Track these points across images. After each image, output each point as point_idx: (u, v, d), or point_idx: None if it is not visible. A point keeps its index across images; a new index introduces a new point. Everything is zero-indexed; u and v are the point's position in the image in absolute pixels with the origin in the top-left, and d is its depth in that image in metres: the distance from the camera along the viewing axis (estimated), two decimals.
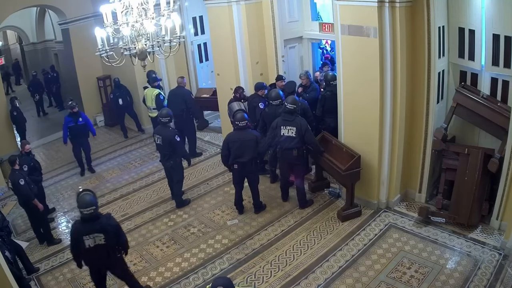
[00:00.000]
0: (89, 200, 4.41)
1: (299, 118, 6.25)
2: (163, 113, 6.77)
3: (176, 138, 6.61)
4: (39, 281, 5.75)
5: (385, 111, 5.80)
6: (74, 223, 4.64)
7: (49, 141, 11.20)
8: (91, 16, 10.59)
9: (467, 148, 5.59)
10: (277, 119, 6.37)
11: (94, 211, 4.42)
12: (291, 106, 6.17)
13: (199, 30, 10.29)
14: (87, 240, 4.45)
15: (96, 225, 4.44)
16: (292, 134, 6.21)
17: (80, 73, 11.22)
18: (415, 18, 5.56)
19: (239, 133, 6.22)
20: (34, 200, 6.20)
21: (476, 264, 5.06)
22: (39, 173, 7.05)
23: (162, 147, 6.78)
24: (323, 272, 5.28)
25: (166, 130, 6.70)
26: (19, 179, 6.07)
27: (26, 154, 6.87)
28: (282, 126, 6.24)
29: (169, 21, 4.25)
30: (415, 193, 6.43)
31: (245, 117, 6.22)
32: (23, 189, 6.10)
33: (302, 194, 6.58)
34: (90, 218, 4.42)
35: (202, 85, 10.52)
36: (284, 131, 6.23)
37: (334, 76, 6.84)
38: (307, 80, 7.47)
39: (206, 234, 6.29)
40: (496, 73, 5.46)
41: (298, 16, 7.90)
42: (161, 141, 6.71)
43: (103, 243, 4.48)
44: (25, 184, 6.10)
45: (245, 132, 6.19)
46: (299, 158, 6.32)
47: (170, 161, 6.78)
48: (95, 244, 4.48)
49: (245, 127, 6.21)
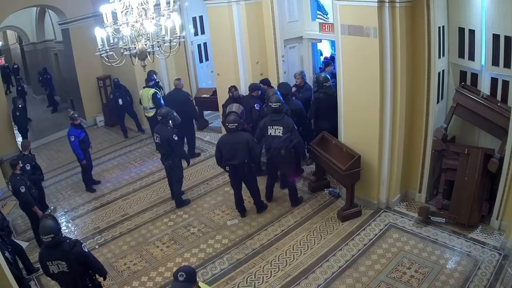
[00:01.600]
0: (48, 227, 4.20)
1: (287, 118, 6.28)
2: (162, 112, 6.77)
3: (174, 137, 6.62)
4: (39, 281, 5.76)
5: (385, 111, 5.80)
6: (42, 247, 4.49)
7: (49, 141, 11.21)
8: (91, 16, 10.59)
9: (467, 148, 5.59)
10: (264, 119, 6.43)
11: (52, 239, 4.19)
12: (276, 104, 6.21)
13: (199, 30, 10.30)
14: (51, 266, 4.31)
15: (57, 252, 4.24)
16: (279, 133, 6.23)
17: (80, 73, 11.22)
18: (415, 18, 5.56)
19: (230, 136, 6.19)
20: (34, 207, 6.19)
21: (476, 264, 5.05)
22: (40, 172, 7.06)
23: (161, 146, 6.81)
24: (323, 272, 5.28)
25: (164, 129, 6.71)
26: (20, 186, 6.04)
27: (27, 154, 6.88)
28: (269, 125, 6.29)
29: (169, 21, 4.25)
30: (415, 193, 6.43)
31: (235, 119, 6.15)
32: (23, 196, 6.09)
33: (292, 193, 6.63)
34: (51, 245, 4.23)
35: (202, 85, 10.53)
36: (271, 130, 6.27)
37: (326, 78, 6.84)
38: (301, 80, 7.48)
39: (206, 234, 6.29)
40: (496, 73, 5.46)
41: (298, 16, 7.90)
42: (159, 140, 6.74)
43: (66, 270, 4.28)
44: (26, 191, 6.07)
45: (236, 135, 6.13)
46: (287, 157, 6.32)
47: (168, 160, 6.79)
48: (59, 271, 4.31)
49: (235, 129, 6.12)
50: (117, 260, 5.95)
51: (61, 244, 4.26)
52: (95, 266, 4.53)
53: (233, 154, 6.11)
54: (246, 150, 6.06)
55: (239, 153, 6.07)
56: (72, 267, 4.26)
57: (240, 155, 6.07)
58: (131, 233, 6.52)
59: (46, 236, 4.20)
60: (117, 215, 7.09)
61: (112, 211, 7.25)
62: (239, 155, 6.08)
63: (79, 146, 7.59)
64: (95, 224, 6.90)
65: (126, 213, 7.13)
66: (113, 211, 7.23)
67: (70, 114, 7.85)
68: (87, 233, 6.67)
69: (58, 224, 4.38)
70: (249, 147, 6.05)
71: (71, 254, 4.24)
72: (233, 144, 6.08)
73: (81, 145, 7.64)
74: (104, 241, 6.42)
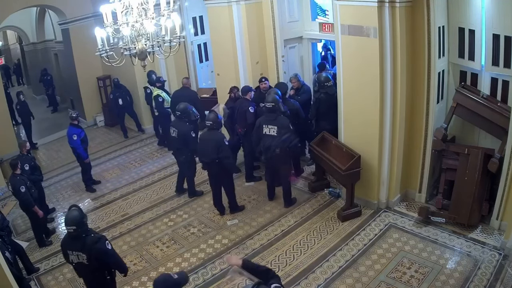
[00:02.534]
0: (71, 218, 4.24)
1: (281, 118, 6.30)
2: (180, 108, 6.91)
3: (192, 134, 6.77)
4: (39, 281, 5.76)
5: (385, 111, 5.80)
6: (65, 234, 4.52)
7: (49, 141, 11.20)
8: (91, 16, 10.59)
9: (467, 148, 5.59)
10: (260, 118, 6.46)
11: (74, 230, 4.23)
12: (270, 104, 6.24)
13: (199, 30, 10.28)
14: (71, 255, 4.36)
15: (78, 244, 4.28)
16: (273, 133, 6.26)
17: (80, 73, 11.22)
18: (415, 18, 5.56)
19: (206, 133, 6.41)
20: (34, 207, 6.19)
21: (476, 264, 5.05)
22: (39, 172, 7.07)
23: (177, 141, 6.91)
24: (323, 272, 5.28)
25: (183, 124, 6.85)
26: (20, 186, 6.04)
27: (26, 154, 6.89)
28: (264, 125, 6.33)
29: (169, 21, 4.25)
30: (415, 193, 6.43)
31: (213, 118, 6.27)
32: (23, 196, 6.08)
33: (286, 194, 6.63)
34: (73, 236, 4.29)
35: (202, 85, 10.53)
36: (266, 129, 6.32)
37: (327, 77, 6.81)
38: (297, 83, 7.44)
39: (206, 234, 6.29)
40: (496, 73, 5.46)
41: (298, 16, 7.89)
42: (176, 134, 6.86)
43: (86, 263, 4.30)
44: (26, 191, 6.07)
45: (211, 133, 6.31)
46: (283, 156, 6.32)
47: (182, 156, 6.93)
48: (78, 262, 4.35)
49: (211, 127, 6.28)
50: None
51: (84, 237, 4.28)
52: (116, 263, 4.55)
53: (204, 151, 6.32)
54: (216, 149, 6.17)
55: (208, 151, 6.24)
56: (91, 261, 4.30)
57: (209, 153, 6.24)
58: (131, 233, 6.52)
59: (69, 227, 4.27)
60: (117, 215, 7.09)
61: (112, 211, 7.25)
62: (209, 153, 6.24)
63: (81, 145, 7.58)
64: (95, 224, 6.89)
65: (126, 213, 7.13)
66: (113, 211, 7.23)
67: (70, 113, 7.82)
68: None
69: (83, 217, 4.33)
70: (217, 146, 6.16)
71: (92, 249, 4.25)
72: (206, 142, 6.29)
73: (83, 144, 7.64)
74: None
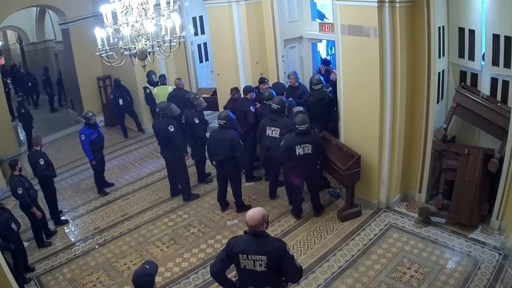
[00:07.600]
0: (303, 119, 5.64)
1: (284, 120, 6.28)
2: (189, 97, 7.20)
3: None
4: (39, 281, 5.75)
5: (385, 111, 5.80)
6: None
7: (49, 141, 11.19)
8: (91, 16, 10.58)
9: (467, 148, 5.59)
10: (263, 119, 6.44)
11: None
12: (276, 106, 6.24)
13: (199, 30, 10.30)
14: (298, 149, 5.63)
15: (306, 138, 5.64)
16: (276, 135, 6.26)
17: (80, 73, 11.22)
18: (415, 18, 5.56)
19: (218, 131, 6.37)
20: (33, 208, 6.15)
21: (476, 264, 5.05)
22: (52, 168, 6.96)
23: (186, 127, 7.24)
24: (323, 272, 5.28)
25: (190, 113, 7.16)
26: (17, 187, 5.99)
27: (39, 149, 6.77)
28: (267, 126, 6.34)
29: (169, 21, 4.25)
30: (415, 193, 6.43)
31: (226, 116, 6.26)
32: (21, 198, 6.05)
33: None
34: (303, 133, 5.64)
35: (202, 85, 10.53)
36: (269, 131, 6.33)
37: (319, 80, 6.75)
38: (294, 80, 7.41)
39: (206, 234, 6.29)
40: (496, 73, 5.46)
41: (298, 16, 7.89)
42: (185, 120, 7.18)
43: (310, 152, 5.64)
44: (23, 192, 6.02)
45: (223, 132, 6.27)
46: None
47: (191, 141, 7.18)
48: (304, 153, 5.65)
49: (224, 126, 6.26)
50: (117, 260, 5.95)
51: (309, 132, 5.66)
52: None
53: (218, 150, 6.28)
54: (230, 147, 6.16)
55: (223, 150, 6.22)
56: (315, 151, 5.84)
57: (224, 152, 6.22)
58: (131, 233, 6.52)
59: (302, 126, 5.63)
60: (117, 215, 7.09)
61: (112, 211, 7.25)
62: (223, 151, 6.22)
63: (89, 146, 7.35)
64: (95, 224, 6.90)
65: (126, 213, 7.13)
66: (113, 211, 7.23)
67: (84, 113, 7.58)
68: (87, 233, 6.67)
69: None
70: (232, 145, 6.15)
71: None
72: (220, 140, 6.25)
73: (92, 146, 7.36)
74: (104, 241, 6.41)
